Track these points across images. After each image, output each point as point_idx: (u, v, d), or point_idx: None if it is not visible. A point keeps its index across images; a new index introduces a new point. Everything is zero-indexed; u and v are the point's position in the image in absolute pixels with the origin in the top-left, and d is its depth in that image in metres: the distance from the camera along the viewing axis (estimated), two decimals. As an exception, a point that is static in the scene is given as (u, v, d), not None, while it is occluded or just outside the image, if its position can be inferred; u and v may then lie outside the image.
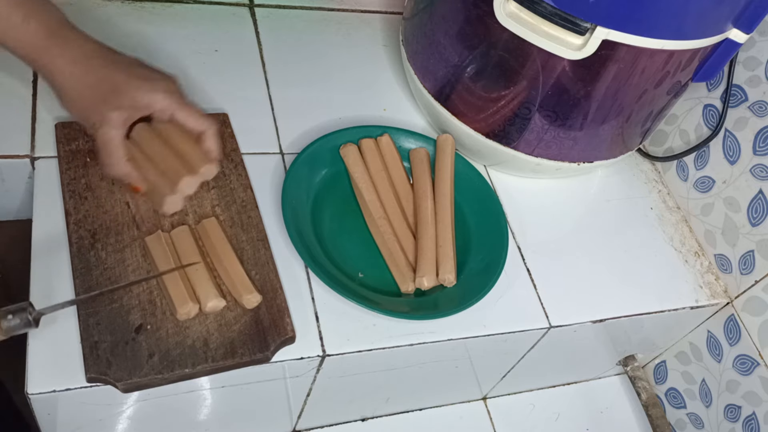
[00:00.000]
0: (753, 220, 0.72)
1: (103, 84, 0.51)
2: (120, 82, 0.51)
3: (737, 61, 0.73)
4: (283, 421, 0.69)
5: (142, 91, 0.52)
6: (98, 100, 0.52)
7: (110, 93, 0.51)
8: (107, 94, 0.51)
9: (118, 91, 0.51)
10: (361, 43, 0.85)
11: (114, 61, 0.52)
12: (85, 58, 0.51)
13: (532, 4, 0.57)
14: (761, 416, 0.72)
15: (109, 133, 0.52)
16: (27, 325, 0.45)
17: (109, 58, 0.53)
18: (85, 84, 0.51)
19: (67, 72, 0.51)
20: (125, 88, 0.51)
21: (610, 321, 0.69)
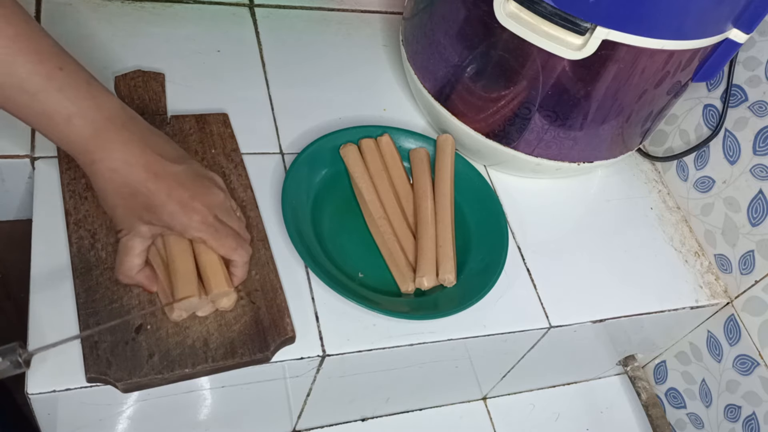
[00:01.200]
0: (753, 220, 0.72)
1: (138, 198, 0.49)
2: (155, 204, 0.50)
3: (737, 61, 0.73)
4: (283, 421, 0.69)
5: (176, 219, 0.50)
6: (131, 213, 0.50)
7: (144, 210, 0.50)
8: (141, 210, 0.50)
9: (151, 211, 0.50)
10: (361, 43, 0.85)
11: (156, 175, 0.50)
12: (126, 166, 0.49)
13: (532, 4, 0.57)
14: (761, 416, 0.72)
15: (132, 242, 0.51)
16: (17, 366, 0.43)
17: (151, 170, 0.50)
18: (121, 195, 0.50)
19: (106, 178, 0.49)
20: (159, 211, 0.50)
21: (610, 321, 0.69)
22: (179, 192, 0.51)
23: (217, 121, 0.68)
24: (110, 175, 0.49)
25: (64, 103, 0.48)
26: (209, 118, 0.68)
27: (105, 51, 0.71)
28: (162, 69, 0.71)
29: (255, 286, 0.58)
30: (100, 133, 0.49)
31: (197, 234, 0.51)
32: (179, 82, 0.71)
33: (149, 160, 0.50)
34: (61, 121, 0.48)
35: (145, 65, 0.71)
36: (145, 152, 0.50)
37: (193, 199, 0.51)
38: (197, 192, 0.52)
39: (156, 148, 0.51)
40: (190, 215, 0.51)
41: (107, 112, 0.50)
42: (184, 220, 0.51)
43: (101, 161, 0.49)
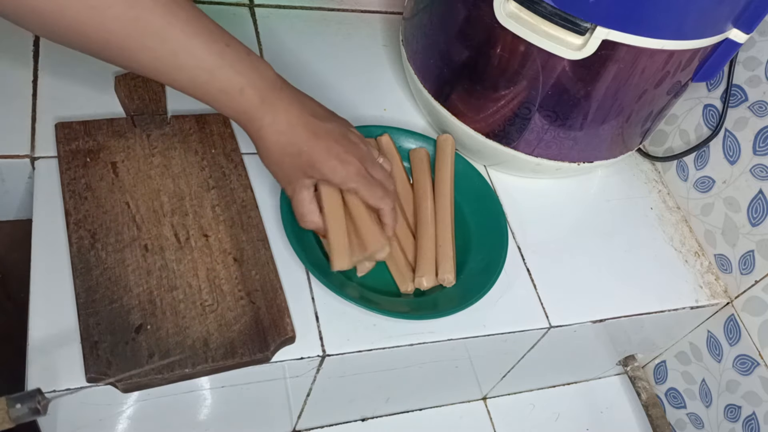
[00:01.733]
0: (753, 220, 0.72)
1: (302, 157, 0.55)
2: (317, 160, 0.55)
3: (737, 61, 0.73)
4: (283, 421, 0.69)
5: (336, 173, 0.56)
6: (295, 170, 0.56)
7: (307, 166, 0.56)
8: (305, 167, 0.56)
9: (313, 167, 0.56)
10: (361, 43, 0.85)
11: (315, 134, 0.55)
12: (290, 128, 0.55)
13: (532, 4, 0.57)
14: (761, 416, 0.72)
15: (302, 194, 0.58)
16: (35, 413, 0.44)
17: (311, 129, 0.55)
18: (287, 153, 0.55)
19: (273, 140, 0.55)
20: (320, 166, 0.55)
21: (610, 321, 0.69)
22: (336, 148, 0.56)
23: (217, 121, 0.68)
24: (277, 138, 0.55)
25: (237, 77, 0.52)
26: (209, 118, 0.68)
27: (105, 51, 0.71)
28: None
29: (255, 286, 0.58)
30: (266, 100, 0.54)
31: (353, 185, 0.57)
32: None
33: (308, 121, 0.56)
34: (236, 94, 0.53)
35: (145, 65, 0.71)
36: (302, 112, 0.56)
37: (347, 154, 0.56)
38: (349, 147, 0.57)
39: (309, 108, 0.57)
40: (347, 168, 0.56)
41: (269, 79, 0.55)
42: (342, 173, 0.56)
43: (270, 125, 0.54)
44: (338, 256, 0.58)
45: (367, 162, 0.58)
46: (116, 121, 0.65)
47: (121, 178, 0.61)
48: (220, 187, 0.63)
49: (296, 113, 0.55)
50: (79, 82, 0.68)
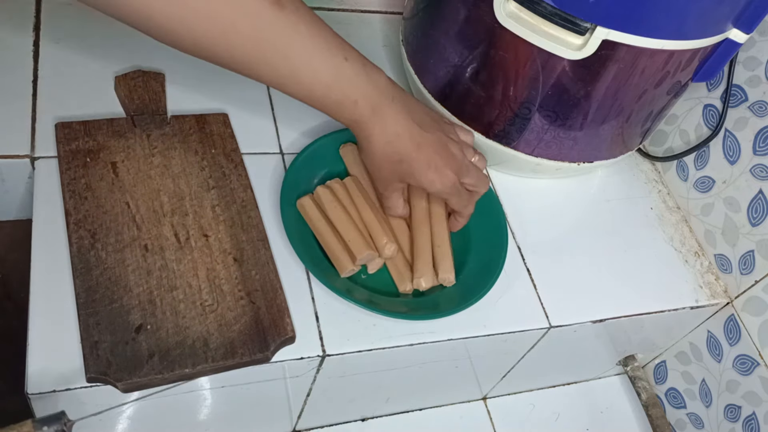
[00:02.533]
0: (753, 220, 0.72)
1: (403, 165, 0.58)
2: (416, 170, 0.58)
3: (737, 61, 0.73)
4: (283, 421, 0.69)
5: (433, 185, 0.59)
6: (393, 175, 0.59)
7: (406, 175, 0.59)
8: (404, 175, 0.59)
9: (412, 176, 0.58)
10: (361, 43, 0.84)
11: (419, 146, 0.57)
12: (396, 138, 0.57)
13: (532, 4, 0.57)
14: (761, 416, 0.72)
15: (393, 195, 0.63)
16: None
17: (415, 141, 0.57)
18: (391, 161, 0.58)
19: (379, 148, 0.57)
20: (418, 177, 0.58)
21: (610, 321, 0.69)
22: (436, 161, 0.58)
23: (217, 121, 0.68)
24: (384, 147, 0.57)
25: (352, 90, 0.55)
26: (209, 118, 0.68)
27: (105, 51, 0.71)
28: (162, 69, 0.71)
29: (255, 286, 0.58)
30: (377, 110, 0.56)
31: (445, 195, 0.61)
32: (179, 82, 0.71)
33: (413, 132, 0.58)
34: (349, 106, 0.55)
35: (145, 65, 0.71)
36: (409, 123, 0.58)
37: (446, 167, 0.59)
38: (448, 160, 0.59)
39: (416, 117, 0.58)
40: (443, 181, 0.59)
41: (382, 90, 0.56)
42: (438, 186, 0.59)
43: (378, 135, 0.57)
44: (340, 264, 0.61)
45: (462, 171, 0.61)
46: (116, 121, 0.65)
47: (121, 178, 0.61)
48: (220, 187, 0.63)
49: (403, 123, 0.57)
50: (79, 82, 0.68)
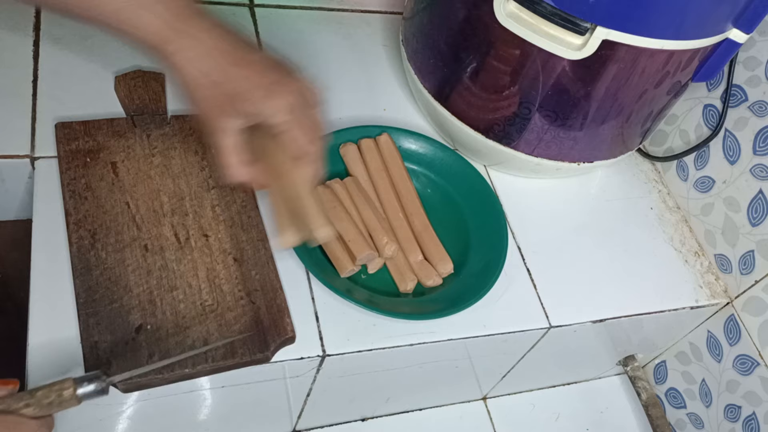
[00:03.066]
0: (753, 220, 0.72)
1: (228, 85, 0.48)
2: (238, 92, 0.48)
3: (737, 61, 0.73)
4: (283, 421, 0.69)
5: (264, 103, 0.49)
6: (220, 103, 0.49)
7: (227, 100, 0.49)
8: (224, 102, 0.49)
9: (241, 97, 0.49)
10: (361, 43, 0.85)
11: (237, 63, 0.49)
12: (211, 54, 0.48)
13: (532, 4, 0.57)
14: (761, 416, 0.72)
15: (223, 140, 0.51)
16: (101, 393, 0.47)
17: (235, 56, 0.49)
18: (203, 85, 0.48)
19: (188, 69, 0.48)
20: (248, 96, 0.48)
21: (610, 321, 0.69)
22: (260, 79, 0.49)
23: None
24: (190, 67, 0.48)
25: None
26: (209, 118, 0.68)
27: (105, 51, 0.71)
28: (162, 69, 0.71)
29: (255, 286, 0.58)
30: (178, 19, 0.47)
31: (281, 120, 0.50)
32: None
33: (228, 48, 0.49)
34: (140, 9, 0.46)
35: (145, 65, 0.71)
36: (223, 40, 0.49)
37: (274, 85, 0.49)
38: (279, 78, 0.50)
39: (231, 37, 0.50)
40: (275, 100, 0.49)
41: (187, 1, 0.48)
42: (269, 105, 0.49)
43: (181, 51, 0.48)
44: (340, 264, 0.60)
45: (303, 98, 0.51)
46: (116, 121, 0.65)
47: (121, 178, 0.61)
48: (220, 187, 0.63)
49: (216, 40, 0.48)
50: (79, 82, 0.68)
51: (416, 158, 0.72)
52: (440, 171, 0.72)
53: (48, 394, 0.46)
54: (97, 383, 0.47)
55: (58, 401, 0.46)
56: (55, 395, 0.46)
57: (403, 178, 0.69)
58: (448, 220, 0.69)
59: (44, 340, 0.52)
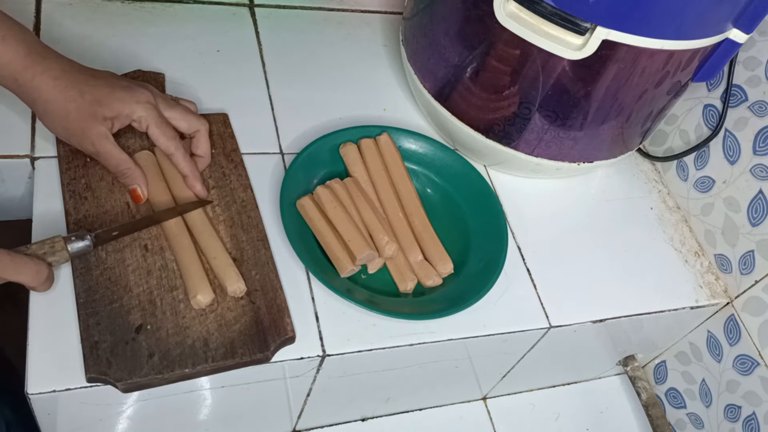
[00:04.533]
0: (753, 220, 0.72)
1: (86, 96, 0.52)
2: (102, 94, 0.53)
3: (737, 61, 0.73)
4: (283, 421, 0.69)
5: (124, 102, 0.54)
6: (83, 115, 0.53)
7: (94, 104, 0.53)
8: (91, 108, 0.53)
9: (100, 102, 0.53)
10: (361, 43, 0.85)
11: (93, 75, 0.54)
12: (66, 73, 0.53)
13: (532, 4, 0.57)
14: (761, 416, 0.72)
15: (104, 145, 0.55)
16: (88, 247, 0.53)
17: (89, 72, 0.55)
18: (68, 97, 0.52)
19: (50, 87, 0.52)
20: (108, 99, 0.53)
21: (610, 321, 0.69)
22: (119, 81, 0.55)
23: (217, 121, 0.68)
24: (54, 83, 0.52)
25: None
26: (209, 118, 0.68)
27: (105, 51, 0.71)
28: (162, 69, 0.71)
29: (255, 286, 0.58)
30: (32, 50, 0.52)
31: (144, 114, 0.55)
32: (179, 82, 0.71)
33: (79, 68, 0.55)
34: None
35: (145, 65, 0.71)
36: (72, 63, 0.55)
37: (132, 86, 0.55)
38: (130, 84, 0.56)
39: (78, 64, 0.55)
40: (135, 96, 0.54)
41: (32, 36, 0.54)
42: (131, 101, 0.54)
43: (42, 73, 0.52)
44: (340, 264, 0.60)
45: (159, 98, 0.56)
46: (116, 121, 0.65)
47: (121, 178, 0.61)
48: (220, 187, 0.63)
49: (69, 63, 0.54)
50: (79, 82, 0.68)
51: (416, 158, 0.72)
52: (440, 171, 0.72)
53: (41, 247, 0.51)
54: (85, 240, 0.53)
55: (51, 251, 0.52)
56: (48, 247, 0.52)
57: (403, 178, 0.69)
58: (448, 220, 0.69)
59: (44, 340, 0.52)
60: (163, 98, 0.59)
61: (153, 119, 0.56)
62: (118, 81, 0.56)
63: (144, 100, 0.55)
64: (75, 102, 0.52)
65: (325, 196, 0.63)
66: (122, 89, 0.55)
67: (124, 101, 0.54)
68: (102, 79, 0.55)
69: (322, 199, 0.63)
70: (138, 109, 0.55)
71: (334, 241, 0.61)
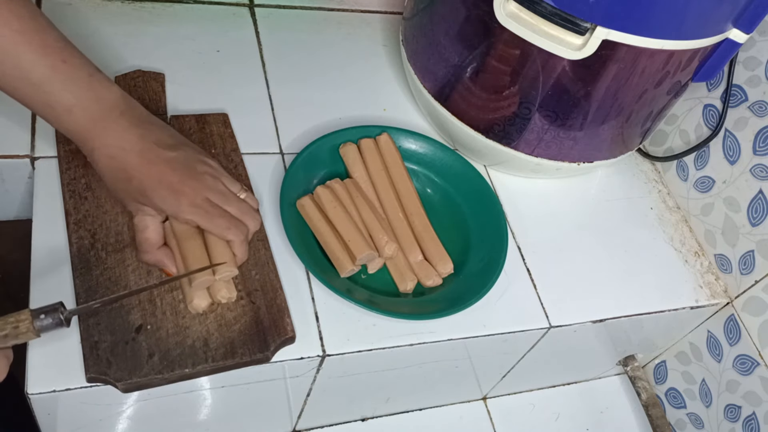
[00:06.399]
0: (753, 220, 0.72)
1: (133, 183, 0.52)
2: (147, 188, 0.52)
3: (737, 61, 0.73)
4: (283, 421, 0.69)
5: (165, 202, 0.53)
6: (129, 198, 0.54)
7: (138, 194, 0.53)
8: (135, 195, 0.53)
9: (144, 195, 0.52)
10: (361, 43, 0.85)
11: (150, 162, 0.52)
12: (122, 153, 0.52)
13: (532, 4, 0.57)
14: (761, 416, 0.72)
15: (142, 222, 0.54)
16: (59, 324, 0.46)
17: (146, 156, 0.53)
18: (119, 179, 0.53)
19: (105, 164, 0.52)
20: (150, 195, 0.52)
21: (610, 321, 0.69)
22: (170, 177, 0.53)
23: (217, 121, 0.68)
24: (108, 162, 0.52)
25: (66, 95, 0.51)
26: (209, 118, 0.68)
27: (105, 51, 0.71)
28: (162, 69, 0.71)
29: (255, 286, 0.58)
30: (97, 123, 0.52)
31: (188, 216, 0.53)
32: (179, 82, 0.71)
33: (144, 147, 0.53)
34: (62, 112, 0.51)
35: (145, 65, 0.71)
36: (141, 139, 0.53)
37: (182, 184, 0.53)
38: (186, 176, 0.54)
39: (152, 136, 0.54)
40: (178, 199, 0.53)
41: (106, 102, 0.52)
42: (173, 203, 0.53)
43: (99, 149, 0.52)
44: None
45: (210, 192, 0.54)
46: (116, 121, 0.65)
47: (121, 178, 0.61)
48: (220, 187, 0.63)
49: (132, 139, 0.52)
50: (79, 82, 0.68)
51: (416, 158, 0.72)
52: (440, 171, 0.72)
53: (3, 326, 0.45)
54: (53, 315, 0.45)
55: (15, 333, 0.45)
56: (11, 328, 0.45)
57: (403, 178, 0.69)
58: (448, 220, 0.69)
59: (44, 341, 0.51)
60: (222, 195, 0.55)
61: (199, 218, 0.53)
62: (172, 173, 0.53)
63: (187, 203, 0.53)
64: (122, 183, 0.53)
65: (325, 196, 0.63)
66: (168, 188, 0.52)
67: (165, 201, 0.52)
68: (156, 168, 0.52)
69: (322, 199, 0.63)
70: (181, 213, 0.53)
71: (334, 241, 0.61)
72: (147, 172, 0.52)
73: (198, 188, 0.54)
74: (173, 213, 0.53)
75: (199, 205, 0.53)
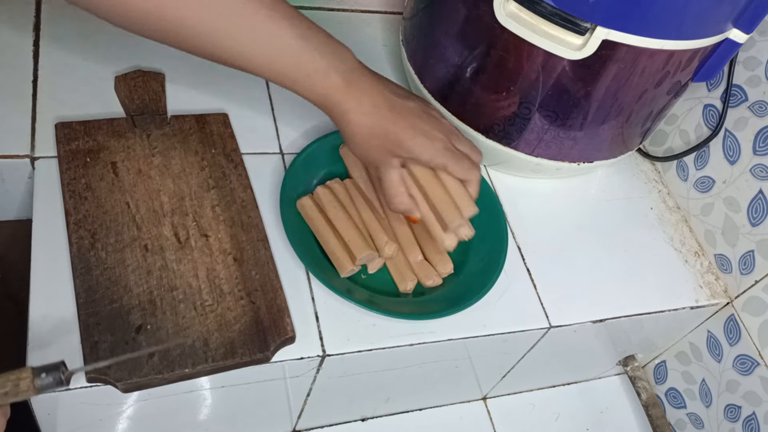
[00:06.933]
0: (753, 220, 0.72)
1: (390, 137, 0.55)
2: (404, 139, 0.55)
3: (737, 61, 0.73)
4: (283, 421, 0.69)
5: (425, 149, 0.56)
6: (383, 150, 0.56)
7: (394, 146, 0.56)
8: (392, 146, 0.56)
9: (401, 146, 0.56)
10: (361, 43, 0.85)
11: (401, 114, 0.56)
12: (375, 110, 0.55)
13: (532, 4, 0.57)
14: (761, 416, 0.72)
15: (391, 174, 0.57)
16: (59, 383, 0.45)
17: (396, 110, 0.56)
18: (373, 134, 0.55)
19: (360, 122, 0.55)
20: (408, 144, 0.56)
21: (610, 321, 0.69)
22: (421, 125, 0.57)
23: (217, 121, 0.68)
24: (364, 120, 0.55)
25: (321, 60, 0.53)
26: (209, 118, 0.68)
27: (105, 51, 0.71)
28: (162, 69, 0.71)
29: (255, 286, 0.58)
30: (350, 83, 0.54)
31: (441, 160, 0.57)
32: (179, 82, 0.71)
33: (391, 101, 0.56)
34: (320, 78, 0.53)
35: (145, 65, 0.71)
36: (384, 94, 0.56)
37: (433, 130, 0.57)
38: (433, 123, 0.58)
39: (389, 89, 0.57)
40: (434, 144, 0.57)
41: (350, 63, 0.55)
42: (430, 148, 0.56)
43: (355, 109, 0.55)
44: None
45: (452, 136, 0.59)
46: (116, 121, 0.65)
47: (121, 178, 0.61)
48: (220, 187, 0.63)
49: (379, 95, 0.55)
50: (79, 82, 0.68)
51: (416, 158, 0.72)
52: (440, 171, 0.72)
53: (4, 384, 0.44)
54: (55, 374, 0.44)
55: (15, 392, 0.44)
56: (12, 385, 0.44)
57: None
58: (448, 220, 0.69)
59: (44, 340, 0.52)
60: (457, 135, 0.60)
61: (449, 161, 0.57)
62: (421, 121, 0.57)
63: (441, 147, 0.57)
64: (379, 139, 0.55)
65: (325, 197, 0.63)
66: (423, 135, 0.56)
67: (425, 148, 0.56)
68: (407, 120, 0.56)
69: (322, 200, 0.63)
70: (435, 156, 0.57)
71: (334, 241, 0.61)
72: (402, 124, 0.55)
73: (445, 132, 0.58)
74: (429, 158, 0.56)
75: (449, 149, 0.57)
